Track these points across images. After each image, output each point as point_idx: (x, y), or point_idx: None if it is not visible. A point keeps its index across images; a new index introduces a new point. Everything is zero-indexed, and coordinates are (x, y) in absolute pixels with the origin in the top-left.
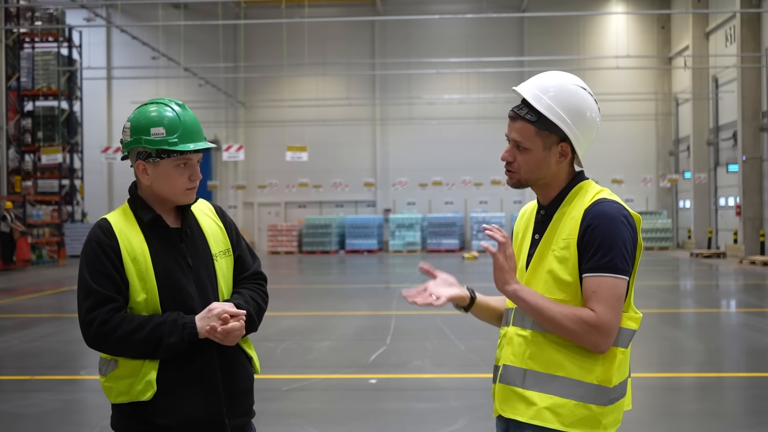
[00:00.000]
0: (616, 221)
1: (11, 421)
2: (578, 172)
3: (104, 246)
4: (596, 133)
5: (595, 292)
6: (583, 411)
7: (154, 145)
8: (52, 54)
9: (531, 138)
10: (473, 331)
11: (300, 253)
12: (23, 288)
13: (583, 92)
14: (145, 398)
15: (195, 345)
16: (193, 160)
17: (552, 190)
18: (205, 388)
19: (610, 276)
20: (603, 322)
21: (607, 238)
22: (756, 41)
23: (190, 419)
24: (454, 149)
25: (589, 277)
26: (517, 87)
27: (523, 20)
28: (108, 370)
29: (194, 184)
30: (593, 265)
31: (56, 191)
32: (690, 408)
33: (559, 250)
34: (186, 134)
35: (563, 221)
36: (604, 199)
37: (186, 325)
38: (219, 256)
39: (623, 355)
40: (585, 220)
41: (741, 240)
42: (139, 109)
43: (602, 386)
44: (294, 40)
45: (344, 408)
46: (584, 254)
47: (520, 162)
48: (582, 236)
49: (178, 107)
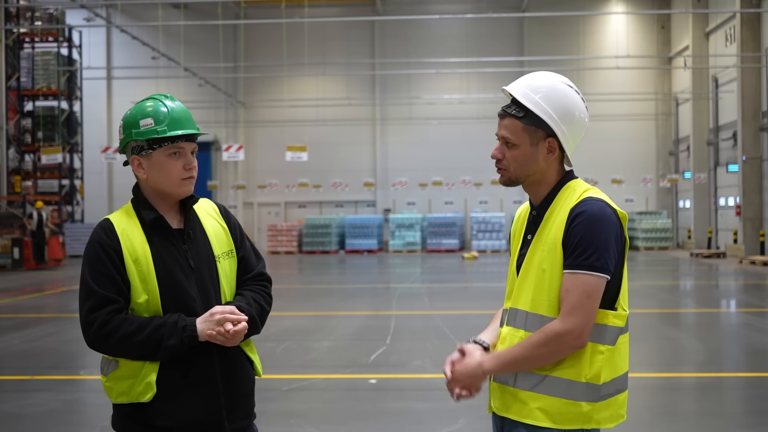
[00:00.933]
0: (596, 220)
1: (11, 421)
2: (567, 172)
3: (106, 247)
4: (584, 133)
5: (567, 291)
6: (573, 409)
7: (143, 136)
8: (52, 54)
9: (518, 133)
10: (473, 331)
11: (300, 253)
12: (23, 288)
13: (572, 92)
14: (144, 399)
15: (196, 347)
16: (186, 149)
17: (542, 189)
18: (206, 391)
19: (584, 273)
20: (565, 329)
21: (585, 237)
22: (756, 41)
23: (190, 422)
24: (454, 149)
25: (566, 274)
26: (506, 86)
27: (523, 20)
28: (109, 370)
29: (190, 174)
30: (570, 263)
31: (56, 191)
32: (690, 408)
33: (548, 250)
34: (174, 122)
35: (552, 221)
36: (589, 197)
37: (186, 328)
38: (222, 257)
39: (611, 352)
40: (569, 219)
41: (741, 240)
42: (131, 108)
43: (591, 384)
44: (294, 40)
45: (344, 408)
46: (566, 252)
47: (509, 158)
48: (566, 235)
49: (167, 99)
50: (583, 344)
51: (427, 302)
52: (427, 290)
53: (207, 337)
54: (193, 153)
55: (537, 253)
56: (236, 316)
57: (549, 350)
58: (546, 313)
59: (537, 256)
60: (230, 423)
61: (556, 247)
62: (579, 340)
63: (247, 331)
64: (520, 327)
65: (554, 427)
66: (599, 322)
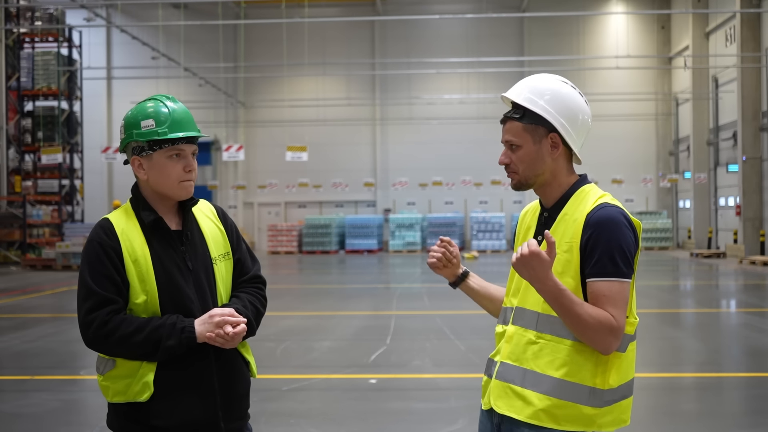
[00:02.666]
0: (620, 226)
1: (11, 421)
2: (581, 177)
3: (106, 246)
4: (588, 132)
5: (606, 296)
6: (577, 412)
7: (144, 137)
8: (52, 54)
9: (520, 134)
10: (473, 331)
11: (300, 253)
12: (23, 288)
13: (575, 92)
14: (141, 399)
15: (193, 349)
16: (187, 151)
17: (554, 191)
18: (202, 392)
19: (618, 280)
20: (620, 326)
21: (612, 243)
22: (756, 41)
23: (186, 422)
24: (454, 149)
25: (598, 282)
26: (506, 93)
27: (523, 20)
28: (106, 370)
29: (190, 176)
30: (600, 270)
31: (56, 191)
32: (690, 408)
33: (562, 252)
34: (175, 124)
35: (565, 224)
36: (606, 203)
37: (185, 329)
38: (218, 259)
39: (619, 359)
40: (589, 225)
41: (741, 240)
42: (132, 108)
43: (597, 389)
44: (294, 40)
45: (344, 408)
46: (588, 258)
47: (515, 161)
48: (586, 241)
49: (168, 100)
50: (612, 350)
51: (427, 302)
52: (427, 290)
53: (206, 339)
54: (194, 155)
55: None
56: (235, 318)
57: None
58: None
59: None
60: (226, 423)
61: (572, 251)
62: (617, 341)
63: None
64: (530, 327)
65: (556, 428)
66: None
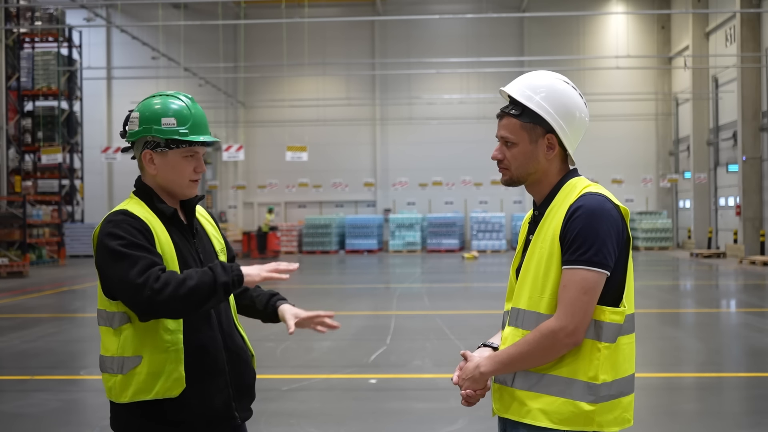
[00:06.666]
0: (595, 214)
1: (11, 421)
2: (570, 171)
3: (139, 227)
4: (585, 131)
5: (564, 287)
6: (571, 408)
7: (165, 135)
8: (52, 54)
9: (517, 132)
10: (473, 331)
11: (300, 253)
12: (23, 288)
13: (573, 91)
14: (172, 395)
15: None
16: (200, 152)
17: (544, 188)
18: (219, 382)
19: (583, 269)
20: (559, 326)
21: (583, 231)
22: (756, 41)
23: (203, 413)
24: (454, 149)
25: (564, 270)
26: (504, 87)
27: (523, 20)
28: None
29: (198, 177)
30: (567, 258)
31: (56, 191)
32: (690, 408)
33: (546, 246)
34: (196, 126)
35: (551, 218)
36: (589, 192)
37: (232, 267)
38: (220, 253)
39: (609, 350)
40: (568, 214)
41: (741, 240)
42: (147, 100)
43: (590, 383)
44: (294, 40)
45: (344, 408)
46: (564, 248)
47: (509, 158)
48: (563, 230)
49: (188, 99)
50: (578, 342)
51: (427, 302)
52: (427, 290)
53: (260, 280)
54: (203, 156)
55: (536, 251)
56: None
57: (543, 348)
58: (544, 311)
59: (536, 254)
60: (239, 413)
61: (553, 243)
62: (573, 337)
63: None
64: (520, 326)
65: (554, 428)
66: (596, 319)
